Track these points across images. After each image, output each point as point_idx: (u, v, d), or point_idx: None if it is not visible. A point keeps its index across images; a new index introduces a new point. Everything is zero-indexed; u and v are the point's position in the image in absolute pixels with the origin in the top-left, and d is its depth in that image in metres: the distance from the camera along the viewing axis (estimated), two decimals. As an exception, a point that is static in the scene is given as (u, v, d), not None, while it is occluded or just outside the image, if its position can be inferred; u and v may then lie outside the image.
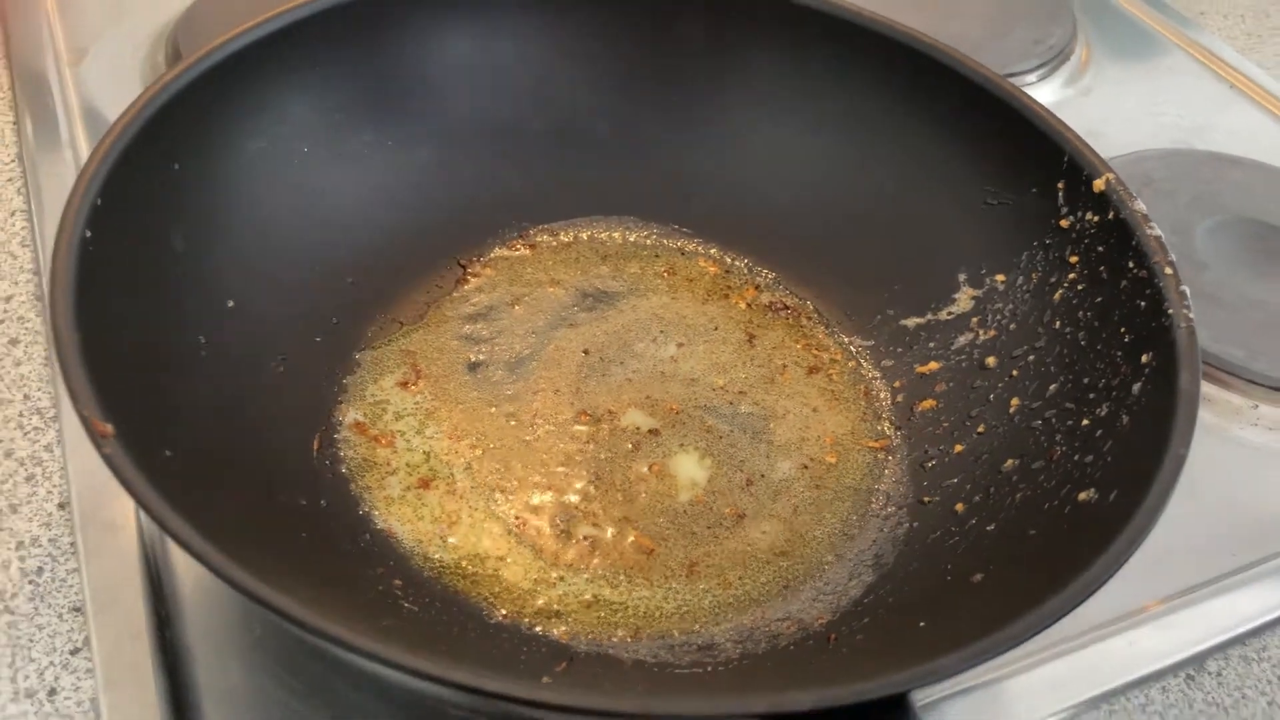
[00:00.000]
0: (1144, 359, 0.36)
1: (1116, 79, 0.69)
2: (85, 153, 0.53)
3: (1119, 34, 0.74)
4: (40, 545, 0.39)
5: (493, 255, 0.48)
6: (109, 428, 0.28)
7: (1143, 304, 0.37)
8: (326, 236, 0.44)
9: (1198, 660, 0.40)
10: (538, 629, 0.35)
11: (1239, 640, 0.41)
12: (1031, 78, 0.67)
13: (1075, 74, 0.69)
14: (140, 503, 0.27)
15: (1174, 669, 0.40)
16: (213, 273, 0.40)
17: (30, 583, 0.38)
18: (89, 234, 0.33)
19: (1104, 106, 0.67)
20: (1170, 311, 0.35)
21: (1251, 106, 0.68)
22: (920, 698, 0.36)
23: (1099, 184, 0.40)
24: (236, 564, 0.26)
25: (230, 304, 0.40)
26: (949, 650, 0.27)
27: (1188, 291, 0.36)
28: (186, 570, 0.38)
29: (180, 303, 0.38)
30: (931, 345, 0.44)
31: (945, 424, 0.42)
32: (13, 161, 0.53)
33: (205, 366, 0.37)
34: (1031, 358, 0.41)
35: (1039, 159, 0.42)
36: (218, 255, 0.40)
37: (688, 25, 0.48)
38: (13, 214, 0.51)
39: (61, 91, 0.57)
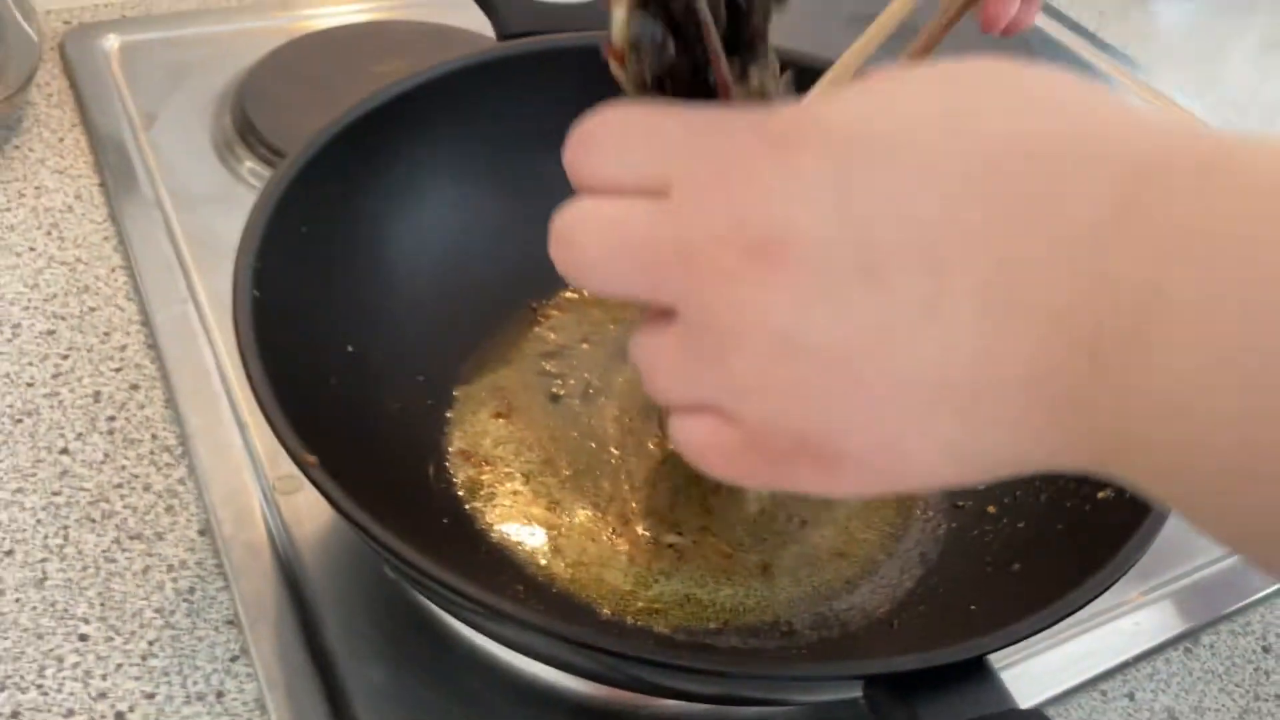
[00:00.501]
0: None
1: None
2: (170, 209, 0.59)
3: (1083, 82, 0.82)
4: (189, 568, 0.44)
5: (560, 299, 0.54)
6: (313, 458, 0.33)
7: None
8: (425, 288, 0.50)
9: (1193, 634, 0.47)
10: (641, 624, 0.41)
11: (1228, 617, 0.48)
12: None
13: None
14: (345, 515, 0.32)
15: (1173, 642, 0.46)
16: (336, 322, 0.45)
17: (185, 601, 0.43)
18: (257, 294, 0.39)
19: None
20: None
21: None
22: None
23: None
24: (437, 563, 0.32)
25: (350, 349, 0.45)
26: (1021, 617, 0.33)
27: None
28: (324, 585, 0.43)
29: (317, 350, 0.43)
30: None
31: (971, 438, 0.48)
32: (106, 221, 0.58)
33: (340, 406, 0.43)
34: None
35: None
36: (338, 307, 0.46)
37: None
38: (113, 270, 0.55)
39: (139, 154, 0.62)
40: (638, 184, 0.25)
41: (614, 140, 0.25)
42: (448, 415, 0.48)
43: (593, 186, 0.26)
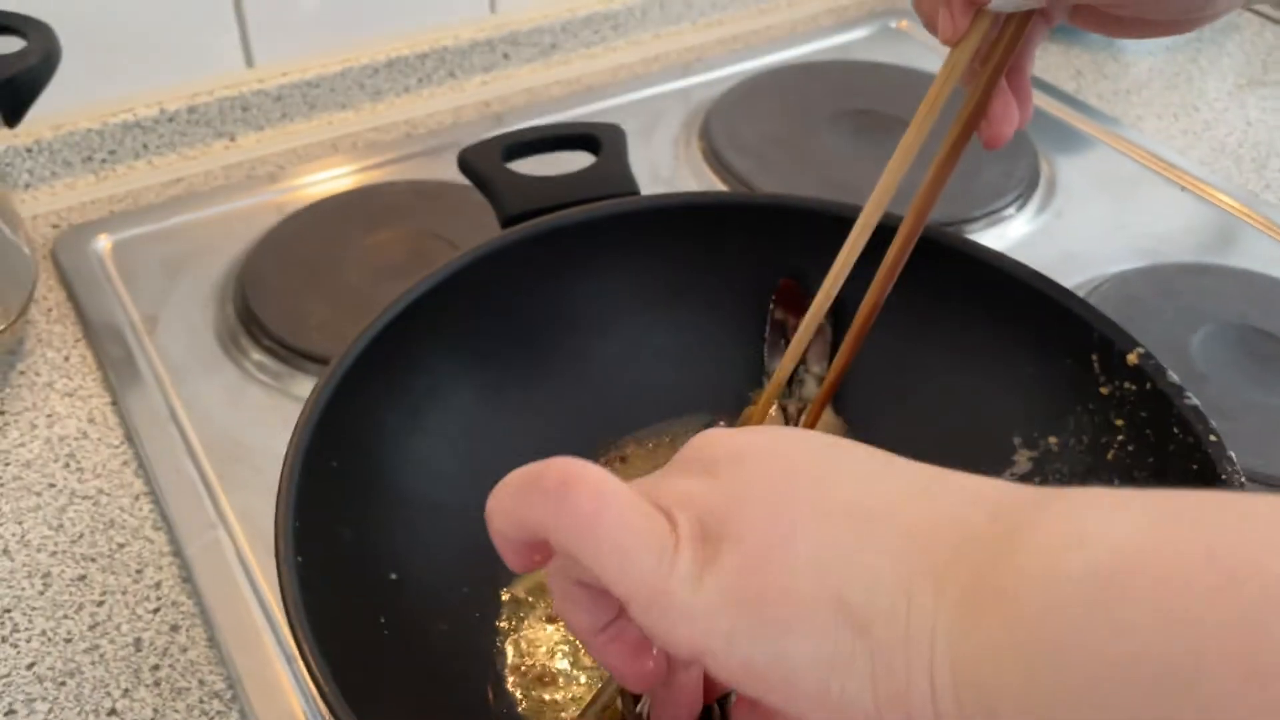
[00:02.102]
0: (1206, 518, 0.41)
1: (1082, 197, 0.77)
2: (185, 422, 0.58)
3: (1072, 148, 0.82)
4: (255, 828, 0.42)
5: (592, 475, 0.53)
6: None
7: (1195, 468, 0.43)
8: (452, 493, 0.48)
9: None
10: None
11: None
12: (1011, 210, 0.74)
13: (1046, 199, 0.76)
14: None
15: None
16: (373, 552, 0.44)
17: None
18: (301, 559, 0.38)
19: (1077, 227, 0.74)
20: (1224, 478, 0.41)
21: (1202, 205, 0.76)
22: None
23: (1132, 358, 0.46)
24: None
25: (394, 577, 0.44)
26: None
27: (1234, 456, 0.42)
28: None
29: (362, 588, 0.42)
30: (1001, 506, 0.50)
31: (1031, 581, 0.47)
32: (123, 443, 0.57)
33: (390, 644, 0.42)
34: (1097, 514, 0.47)
35: (1071, 335, 0.48)
36: (373, 535, 0.45)
37: (730, 243, 0.54)
38: (137, 498, 0.54)
39: (148, 362, 0.61)
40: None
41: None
42: (498, 625, 0.47)
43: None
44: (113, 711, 0.46)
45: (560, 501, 0.26)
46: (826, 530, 0.25)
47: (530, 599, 0.48)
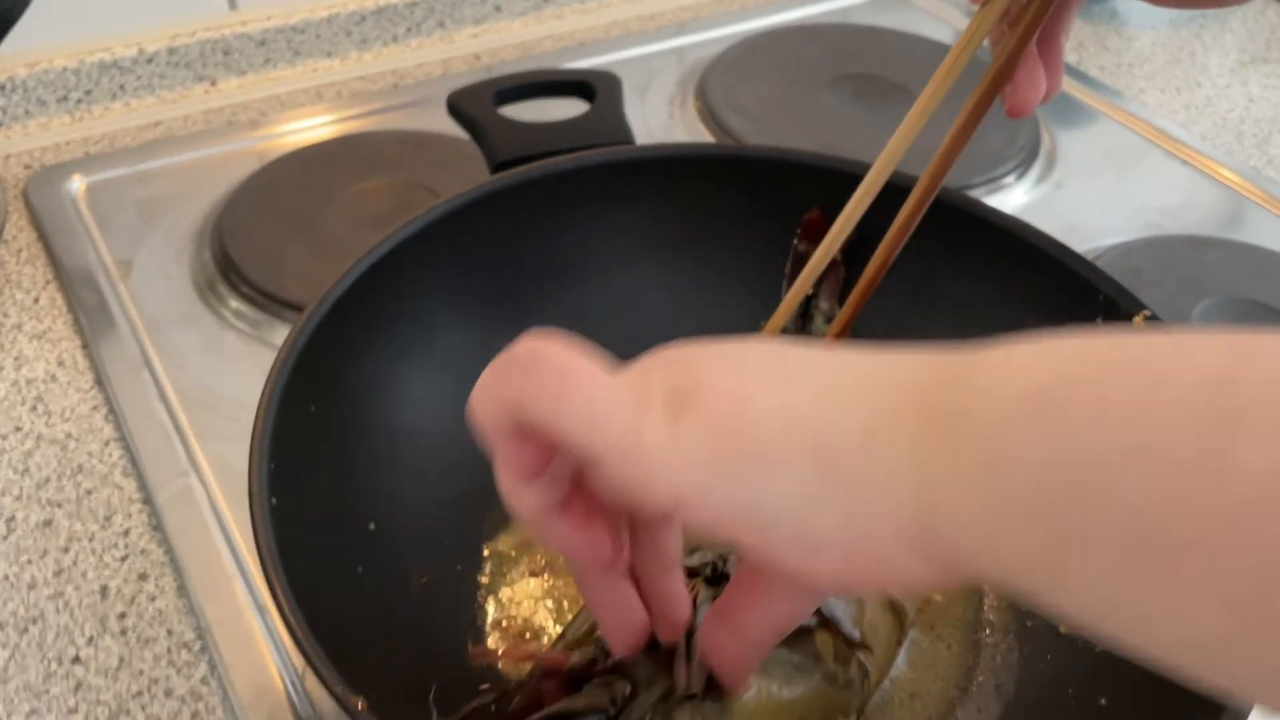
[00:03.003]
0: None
1: (1083, 168, 0.75)
2: (158, 368, 0.56)
3: (1073, 120, 0.80)
4: (223, 782, 0.41)
5: (579, 430, 0.51)
6: (362, 702, 0.31)
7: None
8: (435, 445, 0.47)
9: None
10: (717, 802, 0.39)
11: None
12: (1010, 178, 0.73)
13: (1046, 169, 0.75)
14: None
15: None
16: (353, 499, 0.43)
17: (223, 822, 0.40)
18: (274, 501, 0.36)
19: (1077, 197, 0.73)
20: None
21: (1204, 180, 0.75)
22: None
23: (1138, 320, 0.45)
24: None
25: (371, 526, 0.43)
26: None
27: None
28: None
29: (339, 536, 0.40)
30: (999, 471, 0.49)
31: (1029, 547, 0.46)
32: (93, 388, 0.55)
33: (367, 592, 0.40)
34: (1099, 479, 0.45)
35: (1076, 297, 0.47)
36: (352, 481, 0.43)
37: (730, 196, 0.53)
38: (106, 444, 0.52)
39: (121, 307, 0.59)
40: None
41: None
42: (480, 579, 0.45)
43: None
44: (76, 659, 0.44)
45: (530, 368, 0.27)
46: (787, 389, 0.25)
47: (513, 554, 0.46)
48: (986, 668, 0.43)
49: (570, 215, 0.51)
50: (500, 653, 0.35)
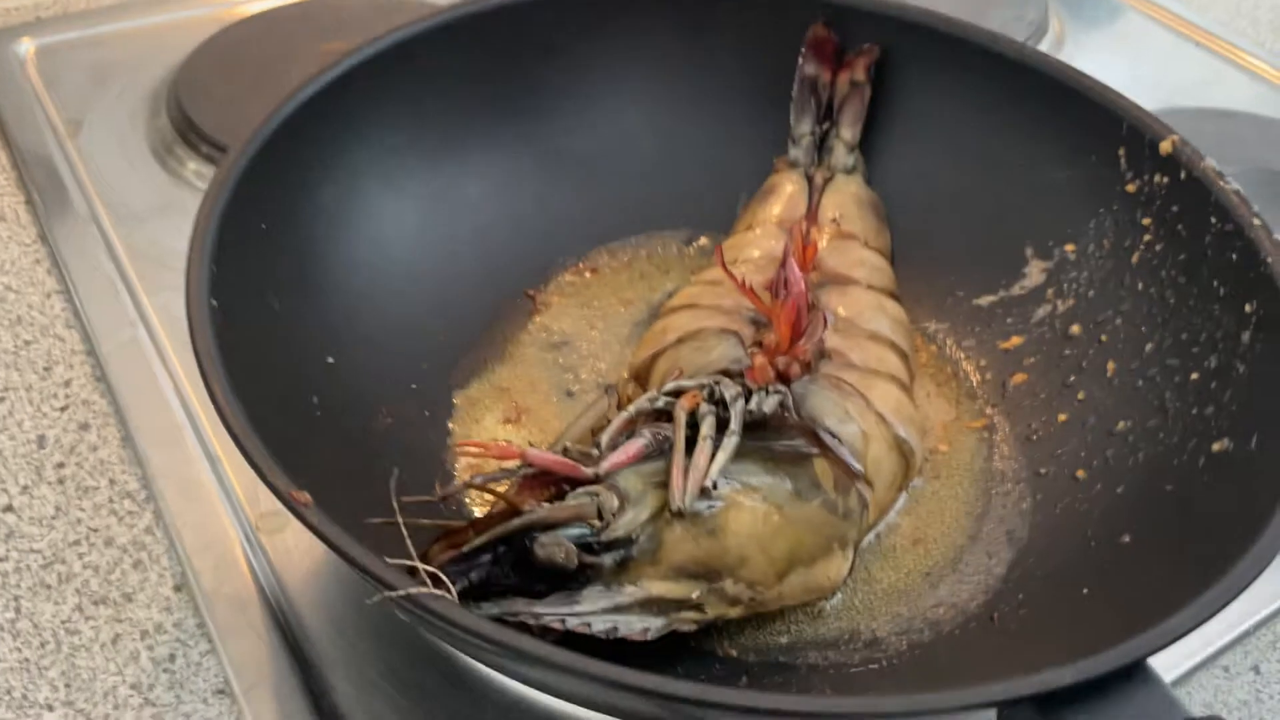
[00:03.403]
0: (1248, 308, 0.37)
1: (1091, 47, 0.72)
2: (107, 224, 0.52)
3: (1082, 2, 0.76)
4: (166, 631, 0.37)
5: (559, 283, 0.48)
6: (306, 495, 0.27)
7: (1234, 256, 0.38)
8: (400, 283, 0.43)
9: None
10: (707, 648, 0.35)
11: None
12: (1018, 54, 0.69)
13: (1054, 47, 0.71)
14: (359, 566, 0.26)
15: (1295, 602, 0.41)
16: (309, 330, 0.39)
17: (165, 671, 0.36)
18: (215, 303, 0.32)
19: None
20: (1269, 260, 0.37)
21: (1218, 60, 0.71)
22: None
23: (1165, 146, 0.41)
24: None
25: (330, 360, 0.39)
26: (1167, 610, 0.27)
27: (1281, 240, 0.37)
28: (326, 636, 0.37)
29: (292, 364, 0.37)
30: (1010, 321, 0.45)
31: (1042, 395, 0.43)
32: (35, 242, 0.51)
33: (323, 427, 0.37)
34: (1119, 320, 0.42)
35: (1095, 128, 0.43)
36: (309, 311, 0.39)
37: (725, 32, 0.49)
38: (49, 295, 0.49)
39: (69, 166, 0.55)
40: None
41: None
42: (449, 426, 0.42)
43: None
44: (9, 508, 0.40)
45: None
46: None
47: (487, 400, 0.43)
48: (996, 515, 0.40)
49: (546, 46, 0.47)
50: (487, 450, 0.32)
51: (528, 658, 0.25)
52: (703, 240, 0.50)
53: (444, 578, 0.26)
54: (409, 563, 0.26)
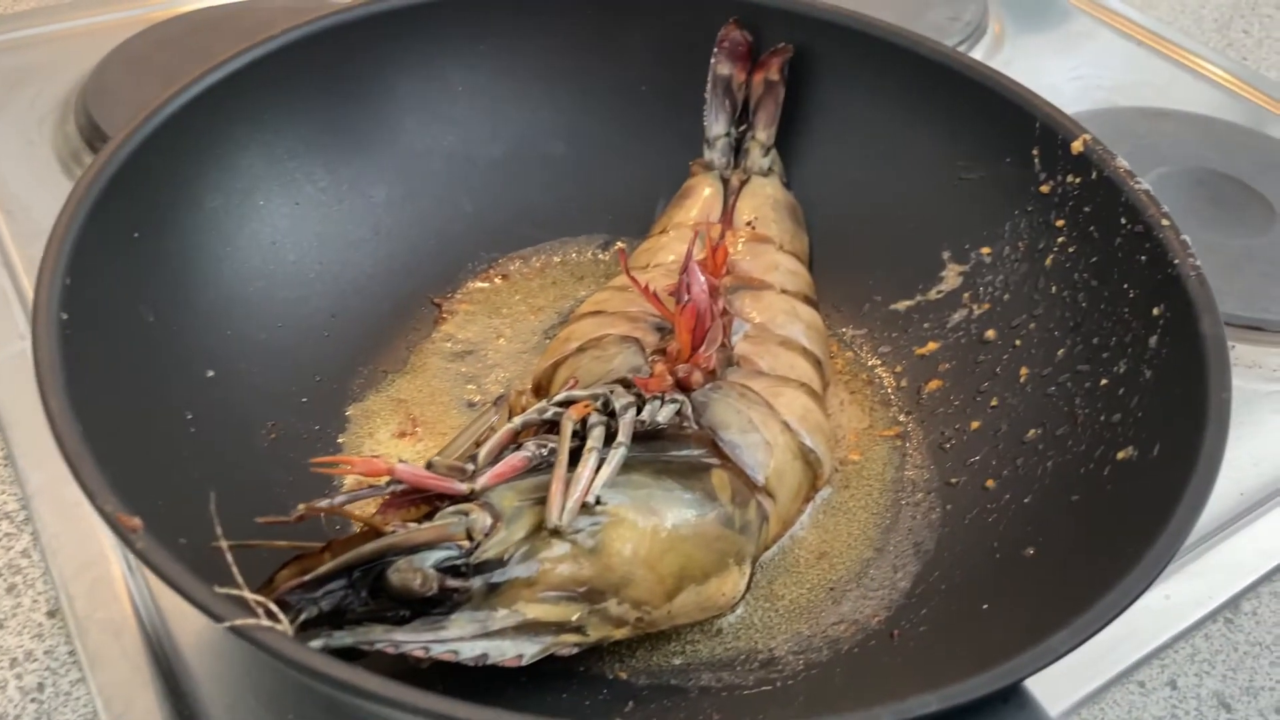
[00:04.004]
0: (1155, 311, 0.36)
1: (1032, 49, 0.71)
2: (5, 235, 0.50)
3: (1024, 2, 0.75)
4: (36, 659, 0.36)
5: (467, 290, 0.46)
6: (137, 521, 0.26)
7: (1144, 258, 0.37)
8: (295, 291, 0.42)
9: (1233, 603, 0.41)
10: (595, 671, 0.34)
11: (1267, 578, 0.41)
12: (955, 54, 0.68)
13: (992, 48, 0.70)
14: (187, 596, 0.25)
15: (1212, 615, 0.40)
16: (186, 342, 0.37)
17: (33, 701, 0.35)
18: (65, 316, 0.31)
19: (1025, 76, 0.67)
20: (1176, 262, 0.36)
21: (1162, 60, 0.70)
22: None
23: (1077, 145, 0.40)
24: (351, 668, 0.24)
25: (210, 374, 0.37)
26: (1054, 628, 0.26)
27: (1189, 240, 0.36)
28: (204, 666, 0.35)
29: (163, 379, 0.35)
30: (926, 326, 0.44)
31: (956, 402, 0.42)
32: (-72, 253, 0.50)
33: (197, 444, 0.35)
34: (1032, 325, 0.41)
35: (1010, 128, 0.42)
36: (188, 323, 0.38)
37: (637, 33, 0.47)
38: (-61, 309, 0.47)
39: (-32, 173, 0.53)
40: None
41: None
42: (339, 441, 0.40)
43: None
44: (-122, 532, 0.39)
45: None
46: None
47: (383, 413, 0.41)
48: (904, 526, 0.39)
49: (450, 45, 0.46)
50: (349, 466, 0.30)
51: (354, 691, 0.23)
52: (620, 245, 0.49)
53: (273, 608, 0.25)
54: (237, 592, 0.25)
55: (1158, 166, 0.58)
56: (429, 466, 0.31)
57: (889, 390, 0.43)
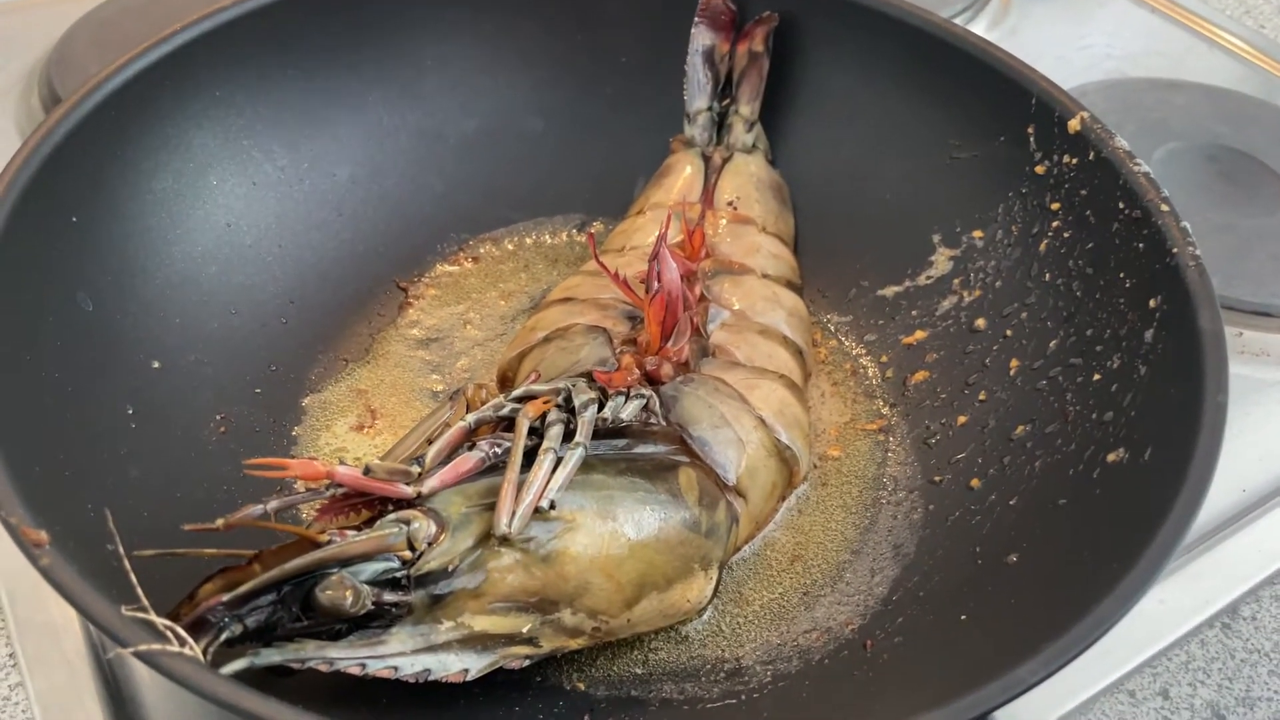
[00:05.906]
0: (1152, 304, 0.34)
1: (1040, 16, 0.68)
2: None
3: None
4: (-27, 663, 0.34)
5: (434, 274, 0.44)
6: (43, 535, 0.24)
7: (1141, 245, 0.35)
8: (252, 277, 0.40)
9: (1231, 608, 0.39)
10: (553, 681, 0.32)
11: (1268, 581, 0.39)
12: (957, 22, 0.65)
13: (999, 15, 0.67)
14: (91, 618, 0.23)
15: (1209, 621, 0.38)
16: (130, 332, 0.36)
17: (-33, 708, 0.33)
18: (-17, 309, 0.29)
19: (1032, 45, 0.65)
20: (1175, 251, 0.33)
21: (1177, 28, 0.67)
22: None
23: (1074, 124, 0.38)
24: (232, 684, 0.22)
25: (156, 365, 0.36)
26: (1026, 655, 0.24)
27: (1189, 228, 0.34)
28: (146, 672, 0.33)
29: (100, 372, 0.34)
30: (914, 313, 0.42)
31: (943, 395, 0.39)
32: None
33: (138, 440, 0.33)
34: (1024, 314, 0.39)
35: (1004, 104, 0.40)
36: (133, 311, 0.36)
37: (616, 4, 0.45)
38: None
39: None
40: None
41: None
42: (294, 433, 0.38)
43: None
44: None
45: None
46: None
47: (341, 404, 0.40)
48: (884, 527, 0.37)
49: (414, 15, 0.44)
50: (286, 469, 0.28)
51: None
52: (596, 227, 0.47)
53: (181, 632, 0.23)
54: (143, 615, 0.23)
55: (1167, 141, 0.55)
56: (366, 471, 0.29)
57: (873, 381, 0.41)
